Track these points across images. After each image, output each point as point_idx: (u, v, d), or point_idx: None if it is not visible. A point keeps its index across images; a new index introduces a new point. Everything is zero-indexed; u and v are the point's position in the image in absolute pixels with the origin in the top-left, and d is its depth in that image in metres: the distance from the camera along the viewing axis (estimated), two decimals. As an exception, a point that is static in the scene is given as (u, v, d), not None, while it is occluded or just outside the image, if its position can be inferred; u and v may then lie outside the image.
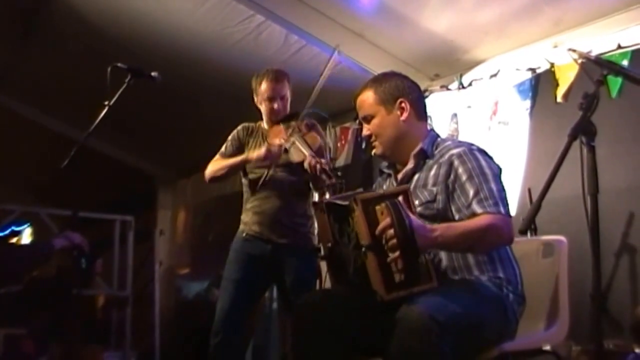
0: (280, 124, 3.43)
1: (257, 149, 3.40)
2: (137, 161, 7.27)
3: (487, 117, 4.22)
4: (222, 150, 3.51)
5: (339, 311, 2.20)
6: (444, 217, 2.21)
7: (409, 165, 2.37)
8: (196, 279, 6.96)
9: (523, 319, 2.27)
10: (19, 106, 6.41)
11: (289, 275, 3.33)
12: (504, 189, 2.22)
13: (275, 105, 3.42)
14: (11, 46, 5.32)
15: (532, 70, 3.96)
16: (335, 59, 3.22)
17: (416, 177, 2.34)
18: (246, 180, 3.48)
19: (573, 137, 1.85)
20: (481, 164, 2.22)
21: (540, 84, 3.93)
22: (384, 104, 2.39)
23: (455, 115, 4.44)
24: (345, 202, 2.13)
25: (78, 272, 2.94)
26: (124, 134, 6.28)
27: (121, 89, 3.03)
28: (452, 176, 2.23)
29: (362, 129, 2.48)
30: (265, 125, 3.52)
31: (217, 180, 3.48)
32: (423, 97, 2.54)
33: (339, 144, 5.09)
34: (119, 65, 3.04)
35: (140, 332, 6.55)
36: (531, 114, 3.96)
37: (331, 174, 3.00)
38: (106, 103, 3.02)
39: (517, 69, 4.02)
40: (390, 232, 1.95)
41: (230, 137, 3.53)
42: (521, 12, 3.74)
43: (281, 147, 3.27)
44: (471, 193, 2.17)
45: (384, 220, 1.97)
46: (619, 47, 3.47)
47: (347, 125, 5.02)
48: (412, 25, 4.08)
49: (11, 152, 6.90)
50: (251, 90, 3.53)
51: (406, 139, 2.38)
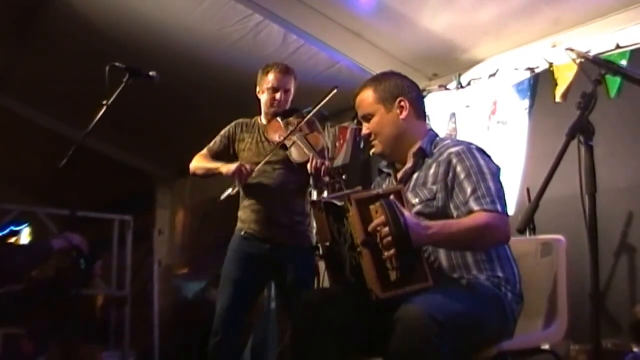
0: (279, 119, 3.43)
1: (247, 150, 3.43)
2: (135, 161, 7.27)
3: (486, 117, 4.22)
4: (211, 145, 3.52)
5: (338, 311, 2.20)
6: (444, 215, 2.22)
7: (408, 165, 2.37)
8: (195, 278, 6.95)
9: (522, 318, 2.27)
10: (17, 106, 6.40)
11: (287, 274, 3.33)
12: (502, 187, 2.22)
13: (277, 96, 3.42)
14: (9, 46, 5.32)
15: (531, 70, 3.96)
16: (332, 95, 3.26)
17: (415, 175, 2.35)
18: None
19: (571, 137, 1.84)
20: (479, 162, 2.23)
21: (539, 84, 3.94)
22: (383, 103, 2.39)
23: (454, 115, 4.44)
24: (341, 203, 2.13)
25: (77, 273, 2.94)
26: (123, 133, 6.28)
27: (119, 89, 3.02)
28: (450, 174, 2.24)
29: (361, 129, 2.48)
30: (264, 120, 3.51)
31: (196, 176, 3.55)
32: (422, 96, 2.55)
33: (338, 144, 5.09)
34: (117, 65, 3.03)
35: (139, 332, 6.55)
36: (530, 113, 3.96)
37: (335, 175, 3.02)
38: (104, 103, 3.01)
39: (516, 69, 4.03)
40: (385, 230, 1.96)
41: (222, 132, 3.53)
42: (520, 12, 3.74)
43: (252, 170, 3.28)
44: (469, 191, 2.17)
45: (379, 218, 1.98)
46: (617, 47, 3.48)
47: (346, 125, 5.02)
48: (411, 25, 4.09)
49: (10, 152, 6.90)
50: (250, 89, 3.53)
51: (405, 138, 2.39)
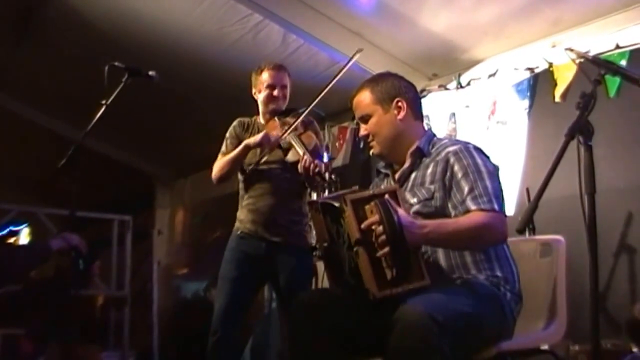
0: (276, 119, 3.43)
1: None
2: (135, 161, 7.26)
3: (486, 116, 4.22)
4: (223, 149, 3.49)
5: (336, 311, 2.20)
6: (442, 215, 2.22)
7: (405, 164, 2.37)
8: (194, 278, 6.96)
9: (521, 318, 2.27)
10: (15, 105, 6.40)
11: (283, 273, 3.33)
12: (499, 186, 2.22)
13: (275, 92, 3.41)
14: (8, 45, 5.32)
15: (531, 70, 3.96)
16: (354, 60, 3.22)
17: (413, 175, 2.35)
18: (242, 178, 3.47)
19: (570, 137, 1.84)
20: (477, 161, 2.23)
21: (539, 84, 3.94)
22: (381, 104, 2.39)
23: (453, 114, 4.44)
24: (337, 203, 2.13)
25: (76, 273, 2.93)
26: (122, 133, 6.27)
27: (118, 88, 3.02)
28: (448, 173, 2.24)
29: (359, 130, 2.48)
30: (262, 119, 3.51)
31: (224, 179, 3.42)
32: (419, 96, 2.55)
33: (337, 144, 5.09)
34: (116, 64, 3.03)
35: (139, 332, 6.55)
36: (529, 113, 3.96)
37: (325, 176, 3.00)
38: (103, 102, 3.01)
39: (516, 69, 4.03)
40: (379, 228, 1.97)
41: (228, 134, 3.52)
42: (520, 12, 3.74)
43: (278, 138, 3.26)
44: (466, 190, 2.17)
45: (373, 217, 1.99)
46: (617, 47, 3.48)
47: (345, 124, 5.02)
48: (411, 24, 4.09)
49: (9, 152, 6.90)
50: (250, 88, 3.53)
51: (403, 138, 2.38)
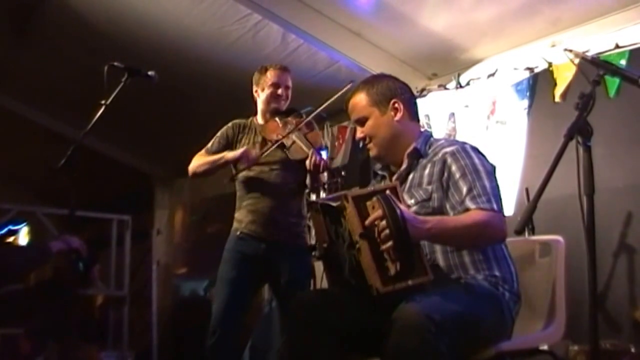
0: (276, 118, 3.43)
1: (247, 146, 3.40)
2: (134, 160, 7.26)
3: (485, 116, 4.22)
4: (208, 146, 3.49)
5: (335, 310, 2.19)
6: (440, 215, 2.21)
7: (403, 166, 2.37)
8: (193, 278, 6.95)
9: (520, 318, 2.27)
10: (15, 105, 6.39)
11: (282, 274, 3.33)
12: (497, 186, 2.22)
13: (279, 91, 3.43)
14: (7, 44, 5.31)
15: (530, 69, 3.96)
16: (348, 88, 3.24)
17: (410, 176, 2.34)
18: (241, 178, 3.47)
19: (569, 137, 1.85)
20: (474, 161, 2.23)
21: (538, 84, 3.93)
22: (377, 105, 2.39)
23: (453, 114, 4.44)
24: (337, 203, 2.13)
25: (75, 275, 2.92)
26: (121, 133, 6.27)
27: (118, 88, 3.02)
28: (445, 174, 2.24)
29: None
30: (260, 119, 3.51)
31: (198, 176, 3.45)
32: (414, 97, 2.54)
33: (337, 144, 5.09)
34: (115, 64, 3.03)
35: (138, 332, 6.55)
36: (529, 113, 3.96)
37: (334, 171, 3.03)
38: (103, 102, 3.00)
39: (515, 69, 4.02)
40: (383, 223, 1.96)
41: (219, 133, 3.52)
42: (519, 12, 3.74)
43: (257, 157, 3.27)
44: (464, 190, 2.17)
45: (376, 212, 1.98)
46: (616, 46, 3.47)
47: (345, 124, 5.01)
48: (410, 24, 4.08)
49: (8, 151, 6.89)
50: (249, 88, 3.53)
51: (401, 139, 2.38)
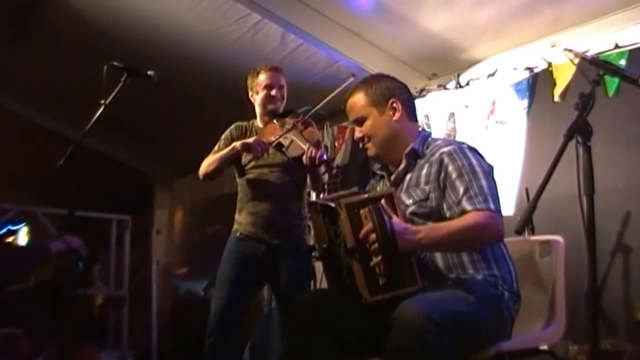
0: (275, 121, 3.43)
1: (247, 155, 3.40)
2: (133, 160, 7.26)
3: (485, 116, 4.22)
4: (215, 149, 3.49)
5: (334, 311, 2.20)
6: (438, 215, 2.22)
7: (401, 166, 2.37)
8: (193, 278, 6.95)
9: (520, 318, 2.27)
10: (14, 105, 6.39)
11: (282, 275, 3.34)
12: (495, 186, 2.22)
13: (273, 92, 3.42)
14: (6, 44, 5.31)
15: (530, 69, 3.96)
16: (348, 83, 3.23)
17: (408, 176, 2.35)
18: (242, 180, 3.47)
19: (569, 137, 1.85)
20: (471, 161, 2.23)
21: (538, 84, 3.93)
22: (375, 105, 2.39)
23: (452, 114, 4.44)
24: (333, 205, 2.13)
25: (75, 275, 2.92)
26: (121, 133, 6.27)
27: (117, 88, 3.02)
28: (442, 174, 2.24)
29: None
30: (259, 122, 3.51)
31: (210, 176, 3.40)
32: (412, 97, 2.55)
33: (337, 144, 5.09)
34: (115, 64, 3.03)
35: (138, 332, 6.55)
36: (528, 113, 3.95)
37: (332, 164, 3.03)
38: (102, 102, 3.00)
39: (515, 69, 4.02)
40: (372, 236, 1.98)
41: (223, 136, 3.52)
42: (519, 12, 3.74)
43: (270, 143, 3.26)
44: (461, 190, 2.17)
45: (366, 226, 2.00)
46: (616, 46, 3.47)
47: (344, 124, 5.01)
48: (410, 24, 4.08)
49: (7, 151, 6.89)
50: (248, 88, 3.53)
51: (399, 139, 2.38)
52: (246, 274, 3.35)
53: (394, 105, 2.38)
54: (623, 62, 3.41)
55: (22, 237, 6.65)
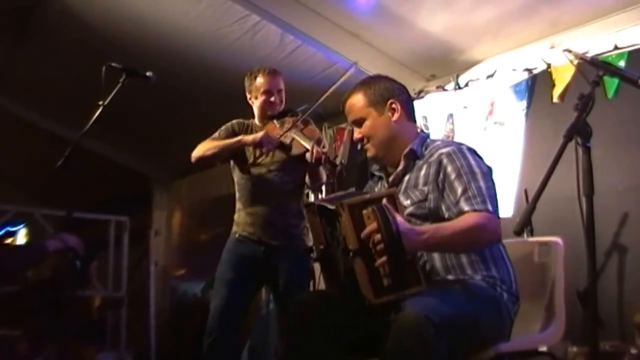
0: (274, 120, 3.42)
1: (244, 154, 3.38)
2: (132, 162, 7.25)
3: (483, 117, 4.22)
4: (215, 135, 3.44)
5: (333, 312, 2.19)
6: (436, 216, 2.21)
7: (399, 167, 2.37)
8: (192, 279, 6.94)
9: (519, 320, 2.26)
10: (12, 106, 6.38)
11: (281, 276, 3.33)
12: (493, 187, 2.21)
13: (272, 99, 3.41)
14: (5, 45, 5.30)
15: (529, 70, 3.96)
16: (351, 73, 3.21)
17: (407, 177, 2.34)
18: (241, 180, 3.46)
19: (568, 138, 1.84)
20: (470, 162, 2.22)
21: (537, 85, 3.93)
22: (374, 106, 2.38)
23: (451, 115, 4.44)
24: (333, 206, 2.12)
25: (73, 274, 2.91)
26: (119, 134, 6.27)
27: (116, 89, 3.01)
28: (441, 175, 2.24)
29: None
30: (258, 122, 3.50)
31: (205, 160, 3.34)
32: (411, 98, 2.54)
33: (335, 145, 5.09)
34: (113, 65, 3.02)
35: (136, 333, 6.54)
36: (527, 114, 3.95)
37: (335, 162, 3.02)
38: (100, 103, 3.00)
39: (514, 70, 4.02)
40: (377, 237, 1.96)
41: (224, 127, 3.47)
42: (518, 13, 3.74)
43: (278, 139, 3.25)
44: (459, 191, 2.17)
45: (371, 225, 1.98)
46: (615, 47, 3.47)
47: (343, 125, 5.01)
48: (408, 25, 4.08)
49: (5, 152, 6.88)
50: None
51: (398, 140, 2.38)
52: (245, 275, 3.35)
53: (393, 106, 2.38)
54: (622, 63, 3.41)
55: (21, 238, 6.65)
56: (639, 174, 3.34)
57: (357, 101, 2.41)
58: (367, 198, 2.09)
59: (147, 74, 3.11)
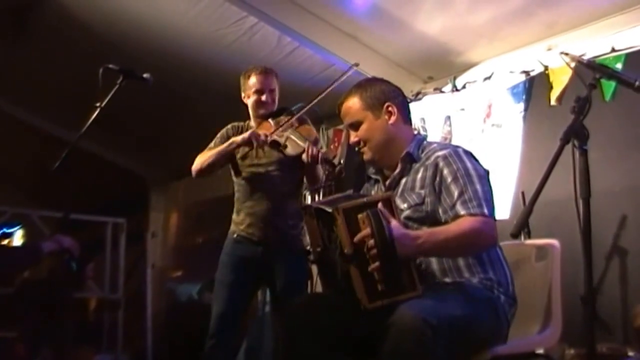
0: (269, 120, 3.42)
1: (242, 155, 3.39)
2: (129, 163, 7.25)
3: (481, 119, 4.22)
4: (211, 145, 3.46)
5: (330, 314, 2.19)
6: (433, 219, 2.21)
7: (396, 170, 2.36)
8: (188, 281, 6.94)
9: (516, 322, 2.26)
10: (9, 107, 6.37)
11: (279, 277, 3.33)
12: (490, 190, 2.21)
13: (263, 98, 3.41)
14: (2, 46, 5.29)
15: (526, 73, 3.96)
16: (350, 74, 3.21)
17: (403, 180, 2.34)
18: (239, 180, 3.46)
19: (565, 141, 1.85)
20: (466, 165, 2.22)
21: (534, 87, 3.93)
22: (371, 109, 2.38)
23: (448, 117, 4.44)
24: (330, 209, 2.11)
25: (68, 275, 2.91)
26: (116, 135, 6.26)
27: (113, 91, 3.01)
28: (437, 178, 2.23)
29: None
30: (253, 122, 3.50)
31: (204, 171, 3.35)
32: (407, 101, 2.53)
33: (332, 146, 5.07)
34: (110, 66, 3.02)
35: (132, 335, 6.54)
36: (525, 116, 3.95)
37: (334, 162, 3.01)
38: (98, 104, 2.99)
39: (511, 72, 4.02)
40: (371, 242, 1.96)
41: (219, 134, 3.50)
42: (515, 15, 3.74)
43: (267, 136, 3.24)
44: (455, 194, 2.16)
45: (364, 230, 1.98)
46: (613, 50, 3.47)
47: (340, 127, 5.01)
48: (406, 27, 4.08)
49: (2, 153, 6.87)
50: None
51: (395, 143, 2.38)
52: (244, 276, 3.35)
53: (390, 109, 2.37)
54: (619, 65, 3.41)
55: (17, 239, 6.64)
56: (635, 177, 3.34)
57: (353, 104, 2.40)
58: (363, 202, 2.08)
59: (145, 75, 3.10)
